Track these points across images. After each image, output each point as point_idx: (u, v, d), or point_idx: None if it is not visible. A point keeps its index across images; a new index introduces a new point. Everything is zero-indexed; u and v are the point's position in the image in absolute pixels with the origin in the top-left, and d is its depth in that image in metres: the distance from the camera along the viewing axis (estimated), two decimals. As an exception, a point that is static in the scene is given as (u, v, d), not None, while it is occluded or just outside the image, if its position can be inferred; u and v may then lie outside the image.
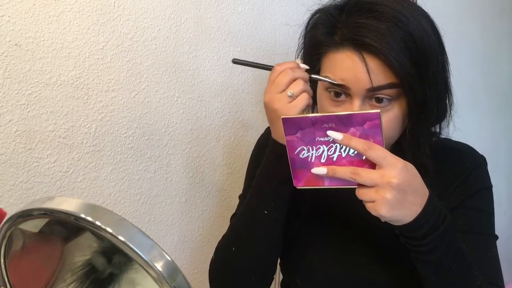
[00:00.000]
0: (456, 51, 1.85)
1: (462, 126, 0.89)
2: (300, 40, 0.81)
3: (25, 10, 0.75)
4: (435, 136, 0.80)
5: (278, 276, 0.91)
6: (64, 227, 0.44)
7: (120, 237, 0.39)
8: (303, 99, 0.69)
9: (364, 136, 0.62)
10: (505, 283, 0.77)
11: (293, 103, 0.69)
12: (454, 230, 0.67)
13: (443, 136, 0.82)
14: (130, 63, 0.89)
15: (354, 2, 0.70)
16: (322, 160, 0.65)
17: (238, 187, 1.09)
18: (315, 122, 0.64)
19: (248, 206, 0.77)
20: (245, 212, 0.78)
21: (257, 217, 0.76)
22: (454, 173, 0.78)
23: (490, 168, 0.83)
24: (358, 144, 0.61)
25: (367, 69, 0.68)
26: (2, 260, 0.47)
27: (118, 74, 0.87)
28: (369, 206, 0.61)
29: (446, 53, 0.76)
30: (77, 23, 0.81)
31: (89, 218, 0.40)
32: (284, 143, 0.69)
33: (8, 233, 0.45)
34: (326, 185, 0.66)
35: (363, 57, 0.68)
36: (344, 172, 0.62)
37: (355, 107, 0.70)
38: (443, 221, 0.64)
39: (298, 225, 0.83)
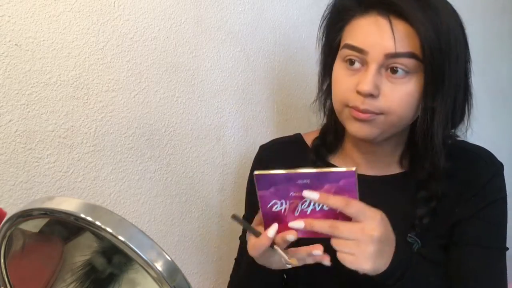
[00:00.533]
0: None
1: (461, 126, 0.89)
2: (326, 12, 0.79)
3: (25, 10, 0.75)
4: (451, 137, 0.78)
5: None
6: (64, 227, 0.44)
7: (120, 237, 0.39)
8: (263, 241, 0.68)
9: (339, 191, 0.61)
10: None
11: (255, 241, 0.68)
12: (424, 267, 0.68)
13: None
14: (130, 63, 0.89)
15: None
16: (296, 213, 0.64)
17: (238, 187, 1.10)
18: (289, 179, 0.62)
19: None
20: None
21: None
22: (471, 180, 0.76)
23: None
24: (337, 202, 0.61)
25: (392, 30, 0.67)
26: (2, 260, 0.47)
27: (118, 74, 0.87)
28: (348, 260, 0.61)
29: (469, 51, 0.76)
30: (77, 23, 0.81)
31: (89, 218, 0.40)
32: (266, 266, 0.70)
33: (8, 233, 0.45)
34: (300, 236, 0.65)
35: (389, 20, 0.67)
36: (322, 226, 0.62)
37: (369, 75, 0.68)
38: (406, 270, 0.65)
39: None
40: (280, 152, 0.84)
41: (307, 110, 1.00)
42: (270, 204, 0.64)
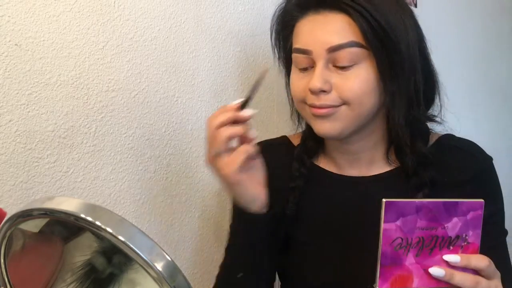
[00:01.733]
0: (455, 50, 1.86)
1: (461, 127, 0.89)
2: (272, 26, 0.81)
3: (25, 10, 0.75)
4: (421, 119, 0.77)
5: (278, 282, 0.91)
6: (64, 227, 0.44)
7: (120, 237, 0.39)
8: (238, 155, 0.67)
9: (465, 228, 0.59)
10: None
11: (227, 161, 0.67)
12: None
13: (445, 132, 0.82)
14: (130, 63, 0.89)
15: None
16: (417, 255, 0.59)
17: (238, 187, 1.09)
18: (420, 209, 0.58)
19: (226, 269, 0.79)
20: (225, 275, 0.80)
21: (236, 274, 0.76)
22: (462, 178, 0.77)
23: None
24: (479, 263, 0.59)
25: (328, 24, 0.68)
26: (2, 260, 0.47)
27: (118, 74, 0.87)
28: None
29: (421, 30, 0.75)
30: (77, 23, 0.81)
31: (89, 218, 0.40)
32: (241, 204, 0.70)
33: (8, 233, 0.45)
34: (415, 285, 0.60)
35: (324, 15, 0.69)
36: (464, 279, 0.59)
37: (317, 72, 0.69)
38: None
39: (294, 234, 0.82)
40: (268, 154, 0.84)
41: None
42: (393, 240, 0.58)
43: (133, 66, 0.89)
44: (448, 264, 0.59)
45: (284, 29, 0.78)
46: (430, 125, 0.81)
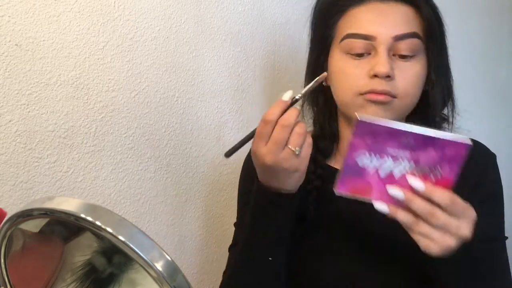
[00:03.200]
0: (455, 50, 1.85)
1: (461, 126, 0.89)
2: (311, 12, 0.80)
3: (25, 10, 0.75)
4: (446, 120, 0.80)
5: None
6: (64, 227, 0.44)
7: (120, 237, 0.39)
8: (308, 149, 0.64)
9: (441, 161, 0.57)
10: None
11: (301, 156, 0.63)
12: (474, 255, 0.66)
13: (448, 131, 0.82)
14: (130, 63, 0.89)
15: None
16: (382, 175, 0.58)
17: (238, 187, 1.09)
18: (392, 135, 0.56)
19: (244, 257, 0.74)
20: (243, 264, 0.74)
21: (256, 273, 0.73)
22: (467, 173, 0.76)
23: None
24: (441, 198, 0.57)
25: (395, 14, 0.70)
26: (2, 260, 0.47)
27: (118, 74, 0.87)
28: (425, 243, 0.58)
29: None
30: (77, 23, 0.81)
31: (89, 218, 0.40)
32: (285, 190, 0.65)
33: (8, 233, 0.45)
34: (374, 197, 0.60)
35: (390, 4, 0.70)
36: (422, 206, 0.58)
37: (383, 57, 0.69)
38: (468, 252, 0.63)
39: (303, 237, 0.81)
40: None
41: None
42: (358, 154, 0.58)
43: (133, 66, 0.89)
44: (412, 189, 0.58)
45: (330, 15, 0.76)
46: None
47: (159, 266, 0.39)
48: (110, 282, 0.46)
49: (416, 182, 0.58)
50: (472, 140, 0.82)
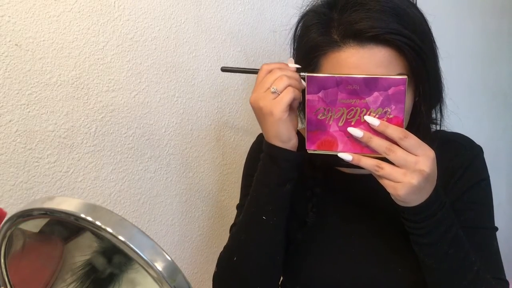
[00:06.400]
0: (455, 50, 1.85)
1: (461, 127, 0.89)
2: (290, 44, 0.79)
3: (25, 10, 0.75)
4: (435, 122, 0.80)
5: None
6: (64, 227, 0.44)
7: (120, 237, 0.39)
8: (287, 93, 0.67)
9: (387, 102, 0.63)
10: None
11: (277, 98, 0.67)
12: (452, 218, 0.68)
13: (439, 127, 0.83)
14: (130, 63, 0.89)
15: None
16: (340, 124, 0.65)
17: (238, 187, 1.09)
18: (340, 83, 0.64)
19: (246, 213, 0.76)
20: (244, 220, 0.77)
21: (256, 224, 0.74)
22: (453, 166, 0.78)
23: (490, 169, 0.83)
24: (394, 132, 0.62)
25: (376, 58, 0.67)
26: (2, 260, 0.47)
27: (118, 74, 0.87)
28: (390, 185, 0.62)
29: (432, 34, 0.77)
30: (77, 23, 0.81)
31: (89, 218, 0.40)
32: (277, 143, 0.69)
33: (8, 233, 0.45)
34: (339, 149, 0.66)
35: (369, 48, 0.67)
36: (380, 144, 0.62)
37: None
38: (441, 208, 0.65)
39: (301, 233, 0.82)
40: None
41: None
42: (317, 110, 0.66)
43: (133, 66, 0.89)
44: (369, 129, 0.64)
45: (310, 53, 0.73)
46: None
47: (159, 266, 0.39)
48: (110, 282, 0.46)
49: (371, 119, 0.63)
50: (459, 134, 0.83)
